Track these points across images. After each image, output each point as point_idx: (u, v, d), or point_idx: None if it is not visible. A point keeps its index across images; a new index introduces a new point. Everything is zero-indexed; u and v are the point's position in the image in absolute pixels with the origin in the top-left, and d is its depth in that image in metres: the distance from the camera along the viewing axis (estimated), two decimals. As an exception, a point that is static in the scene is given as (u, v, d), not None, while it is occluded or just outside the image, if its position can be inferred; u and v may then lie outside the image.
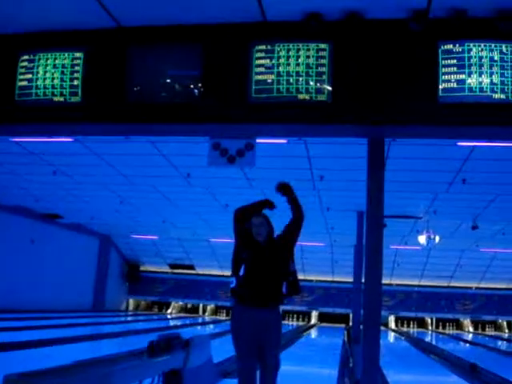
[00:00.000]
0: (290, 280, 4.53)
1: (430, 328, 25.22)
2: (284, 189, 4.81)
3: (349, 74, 4.66)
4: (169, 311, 27.59)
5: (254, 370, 4.49)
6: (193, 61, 4.86)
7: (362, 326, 5.18)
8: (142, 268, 27.25)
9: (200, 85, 4.81)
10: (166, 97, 4.88)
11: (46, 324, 13.83)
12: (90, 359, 5.12)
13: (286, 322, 26.08)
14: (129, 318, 22.44)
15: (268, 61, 4.68)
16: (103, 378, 4.09)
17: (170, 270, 26.09)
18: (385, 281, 4.91)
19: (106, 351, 6.45)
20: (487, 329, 24.53)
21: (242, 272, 4.48)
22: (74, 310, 20.15)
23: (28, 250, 18.27)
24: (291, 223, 4.79)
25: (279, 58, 4.66)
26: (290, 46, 4.67)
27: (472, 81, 4.47)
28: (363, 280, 5.02)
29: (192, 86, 4.84)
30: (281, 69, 4.65)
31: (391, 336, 21.04)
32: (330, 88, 4.59)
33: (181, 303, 27.29)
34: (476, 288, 23.95)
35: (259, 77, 4.68)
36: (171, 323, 21.27)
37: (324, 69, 4.60)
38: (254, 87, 4.68)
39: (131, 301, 27.90)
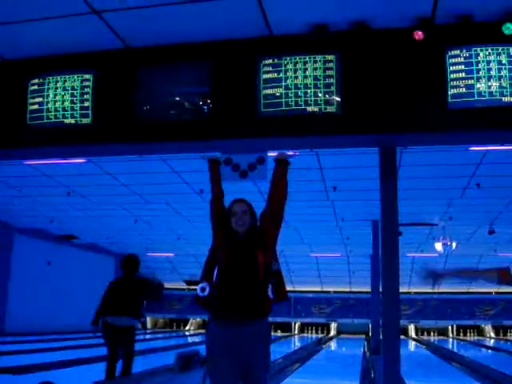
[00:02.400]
0: (272, 282, 3.69)
1: (450, 335, 24.97)
2: (282, 162, 4.05)
3: (357, 84, 4.66)
4: (187, 328, 27.56)
5: None
6: (201, 78, 4.89)
7: (381, 336, 5.13)
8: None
9: (209, 101, 4.83)
10: (175, 114, 4.90)
11: (65, 345, 13.86)
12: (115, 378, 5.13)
13: (305, 334, 25.98)
14: (147, 336, 22.42)
15: (276, 74, 4.69)
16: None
17: (186, 287, 26.08)
18: (403, 289, 4.86)
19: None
20: (509, 334, 24.23)
21: (215, 277, 3.65)
22: (92, 330, 20.13)
23: (45, 271, 18.37)
24: (271, 210, 3.86)
25: (287, 71, 4.68)
26: (297, 59, 4.68)
27: (481, 85, 4.46)
28: (381, 289, 4.98)
29: (201, 103, 4.86)
30: (289, 82, 4.66)
31: (412, 345, 20.84)
32: (338, 99, 4.59)
33: (198, 319, 27.25)
34: (495, 293, 23.71)
35: (268, 91, 4.69)
36: (190, 340, 21.24)
37: (332, 80, 4.61)
38: (262, 101, 4.69)
39: (149, 318, 27.91)
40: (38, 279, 17.97)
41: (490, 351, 18.08)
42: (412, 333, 25.48)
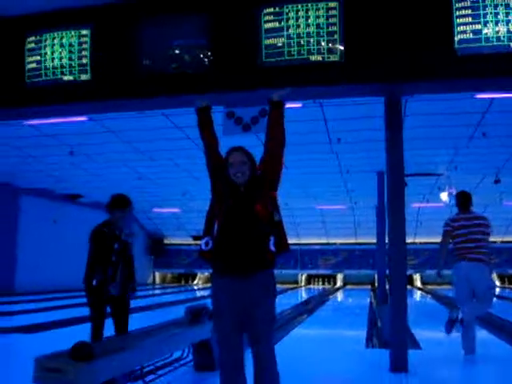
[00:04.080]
0: (274, 234, 3.49)
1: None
2: (277, 104, 3.76)
3: (361, 31, 4.54)
4: (195, 282, 27.91)
5: (242, 362, 3.43)
6: (201, 29, 4.77)
7: (388, 287, 5.15)
8: (165, 241, 27.52)
9: (210, 53, 4.73)
10: (176, 68, 4.81)
11: (72, 303, 14.04)
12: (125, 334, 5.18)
13: (311, 286, 26.29)
14: (156, 292, 22.72)
15: (277, 23, 4.57)
16: (145, 349, 4.16)
17: (193, 242, 26.24)
18: (408, 240, 4.85)
19: (136, 325, 6.52)
20: (514, 282, 24.45)
21: (215, 230, 3.47)
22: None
23: (51, 230, 18.51)
24: (271, 156, 3.65)
25: (288, 19, 4.55)
26: (299, 7, 4.55)
27: (488, 30, 4.33)
28: (387, 240, 4.97)
29: (202, 56, 4.76)
30: (291, 31, 4.54)
31: (417, 295, 21.07)
32: (342, 48, 4.48)
33: (206, 274, 27.53)
34: (501, 242, 23.78)
35: (269, 41, 4.58)
36: (198, 294, 21.50)
37: (335, 28, 4.49)
38: (264, 51, 4.59)
39: (157, 274, 28.29)
40: (45, 238, 18.12)
41: (495, 299, 18.26)
42: (418, 283, 25.73)
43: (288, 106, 4.30)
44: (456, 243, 6.12)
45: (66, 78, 5.04)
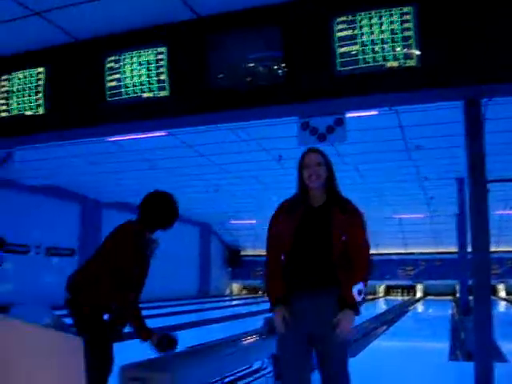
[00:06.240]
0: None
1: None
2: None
3: (436, 35, 4.42)
4: (272, 293, 27.96)
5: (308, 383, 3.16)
6: (274, 42, 4.80)
7: (471, 297, 4.97)
8: (242, 253, 27.76)
9: (284, 65, 4.75)
10: (250, 81, 4.86)
11: (154, 313, 14.36)
12: (202, 344, 5.25)
13: (390, 297, 25.77)
14: (234, 303, 22.91)
15: (350, 31, 4.53)
16: (224, 360, 4.19)
17: (269, 253, 26.30)
18: (491, 248, 4.66)
19: (214, 336, 6.59)
20: None
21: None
22: (179, 297, 20.81)
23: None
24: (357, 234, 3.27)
25: (362, 27, 4.50)
26: (372, 14, 4.49)
27: None
28: (469, 249, 4.80)
29: (276, 67, 4.79)
30: (365, 38, 4.49)
31: (502, 305, 20.27)
32: (418, 52, 4.39)
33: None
34: None
35: (343, 49, 4.53)
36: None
37: (410, 33, 4.40)
38: (338, 60, 4.55)
39: (235, 285, 28.54)
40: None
41: None
42: (502, 293, 24.75)
43: (364, 114, 4.26)
44: None
45: (145, 95, 5.20)
